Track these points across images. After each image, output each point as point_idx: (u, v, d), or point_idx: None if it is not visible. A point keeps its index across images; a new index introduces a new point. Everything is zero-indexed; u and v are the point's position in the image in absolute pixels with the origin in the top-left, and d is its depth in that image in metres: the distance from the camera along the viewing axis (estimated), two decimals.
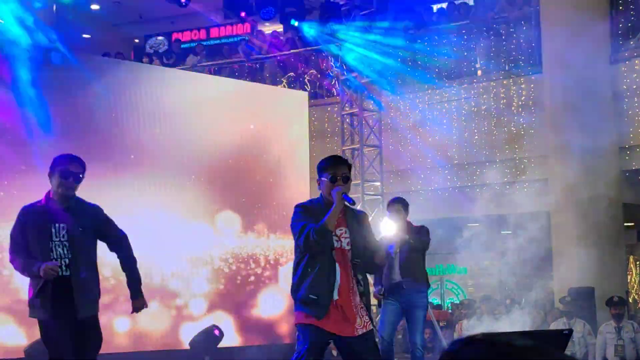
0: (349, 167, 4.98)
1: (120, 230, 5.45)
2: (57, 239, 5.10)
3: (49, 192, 5.22)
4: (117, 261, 5.50)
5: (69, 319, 5.05)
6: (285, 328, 10.57)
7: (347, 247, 4.81)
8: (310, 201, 5.02)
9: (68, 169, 5.10)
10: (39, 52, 9.06)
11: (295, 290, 4.80)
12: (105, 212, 5.40)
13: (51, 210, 5.13)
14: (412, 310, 7.30)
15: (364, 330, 4.75)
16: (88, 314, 5.16)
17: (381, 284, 7.41)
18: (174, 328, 9.81)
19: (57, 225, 5.11)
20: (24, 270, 5.13)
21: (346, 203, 4.75)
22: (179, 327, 9.84)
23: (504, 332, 5.50)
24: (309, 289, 4.72)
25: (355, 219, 4.92)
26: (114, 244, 5.43)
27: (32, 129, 8.79)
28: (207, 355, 9.34)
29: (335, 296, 4.71)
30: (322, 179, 4.87)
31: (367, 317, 4.78)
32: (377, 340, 7.06)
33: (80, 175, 5.17)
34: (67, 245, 5.11)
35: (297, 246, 4.86)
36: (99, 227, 5.30)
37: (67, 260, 5.09)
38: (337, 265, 4.75)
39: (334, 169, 4.84)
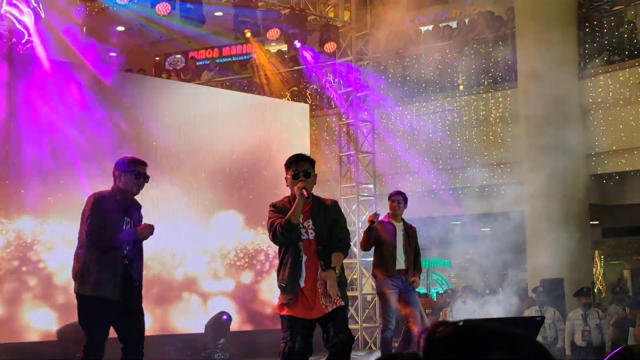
0: (311, 163, 4.87)
1: None
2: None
3: (114, 187, 5.19)
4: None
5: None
6: None
7: (312, 238, 4.76)
8: (283, 199, 4.90)
9: (140, 171, 5.13)
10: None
11: (277, 279, 4.85)
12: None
13: (121, 203, 5.13)
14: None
15: (334, 307, 4.68)
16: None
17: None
18: (195, 314, 9.79)
19: (125, 218, 5.12)
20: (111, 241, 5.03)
21: (306, 199, 4.63)
22: (198, 314, 9.81)
23: (483, 319, 5.48)
24: (281, 278, 4.76)
25: (322, 209, 4.82)
26: None
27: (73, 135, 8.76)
28: (222, 337, 9.31)
29: (302, 284, 4.70)
30: (287, 176, 4.81)
31: (335, 297, 4.67)
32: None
33: (148, 177, 5.23)
34: None
35: None
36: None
37: (125, 252, 5.06)
38: (302, 255, 4.72)
39: (295, 166, 4.78)
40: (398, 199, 7.62)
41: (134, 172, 5.10)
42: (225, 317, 9.44)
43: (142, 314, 5.18)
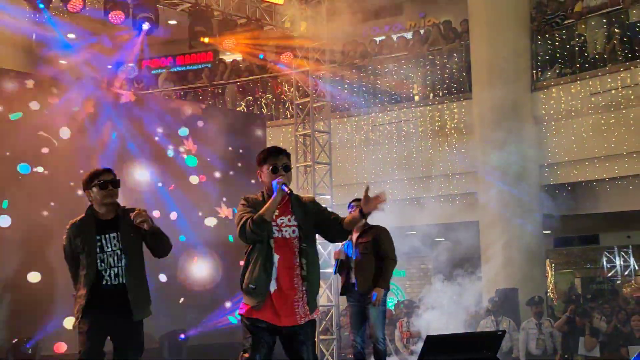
0: (288, 156, 4.48)
1: None
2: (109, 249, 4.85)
3: (88, 209, 4.96)
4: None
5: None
6: None
7: (292, 235, 4.34)
8: (256, 194, 4.49)
9: (105, 180, 4.86)
10: None
11: (240, 281, 4.38)
12: None
13: (99, 223, 4.89)
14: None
15: (306, 320, 4.33)
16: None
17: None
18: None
19: (104, 236, 4.85)
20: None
21: (285, 193, 4.27)
22: None
23: (445, 335, 5.43)
24: (249, 279, 4.30)
25: (302, 206, 4.43)
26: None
27: None
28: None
29: (274, 286, 4.27)
30: (264, 170, 4.40)
31: (308, 307, 4.33)
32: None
33: (118, 181, 4.94)
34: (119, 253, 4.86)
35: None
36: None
37: (116, 270, 4.82)
38: (274, 255, 4.29)
39: (274, 160, 4.38)
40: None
41: (97, 184, 4.85)
42: (182, 336, 9.21)
43: (133, 341, 4.85)
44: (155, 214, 9.07)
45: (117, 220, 4.89)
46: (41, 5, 8.65)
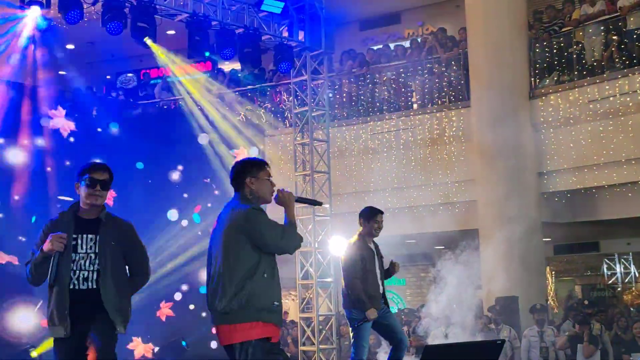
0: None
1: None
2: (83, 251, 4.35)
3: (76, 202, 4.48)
4: None
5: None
6: None
7: None
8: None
9: (95, 178, 4.36)
10: None
11: (251, 296, 3.98)
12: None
13: (78, 220, 4.40)
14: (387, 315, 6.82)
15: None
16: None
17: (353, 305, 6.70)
18: None
19: (82, 235, 4.35)
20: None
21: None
22: None
23: (444, 344, 5.41)
24: (272, 296, 4.05)
25: None
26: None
27: None
28: None
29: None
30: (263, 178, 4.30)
31: None
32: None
33: (108, 183, 4.42)
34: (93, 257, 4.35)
35: (254, 248, 4.06)
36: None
37: (85, 274, 4.32)
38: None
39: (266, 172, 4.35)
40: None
41: (85, 180, 4.35)
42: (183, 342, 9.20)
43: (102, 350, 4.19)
44: None
45: (98, 222, 4.39)
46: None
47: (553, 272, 16.81)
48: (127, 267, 4.51)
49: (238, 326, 4.00)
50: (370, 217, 6.94)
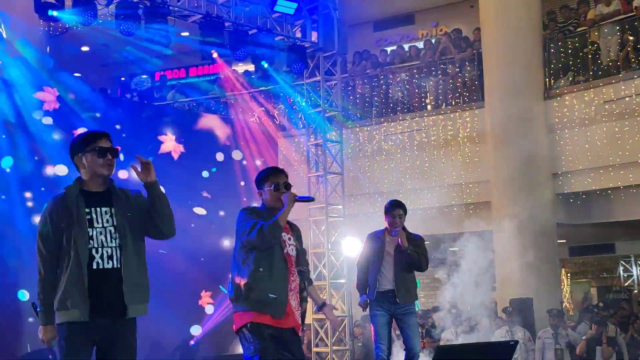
0: (287, 175, 4.76)
1: None
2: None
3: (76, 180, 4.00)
4: None
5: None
6: None
7: (292, 254, 4.62)
8: (255, 207, 4.76)
9: (103, 146, 3.94)
10: None
11: (248, 289, 4.44)
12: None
13: (88, 195, 3.94)
14: (405, 317, 6.73)
15: (300, 323, 4.65)
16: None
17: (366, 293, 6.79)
18: None
19: (96, 209, 3.90)
20: None
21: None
22: None
23: (457, 344, 5.39)
24: (270, 289, 4.45)
25: (296, 233, 4.76)
26: None
27: None
28: None
29: (288, 296, 4.55)
30: (265, 189, 4.65)
31: (299, 314, 4.65)
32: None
33: (117, 151, 3.99)
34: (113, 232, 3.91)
35: (241, 245, 4.52)
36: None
37: (109, 251, 3.88)
38: (288, 266, 4.57)
39: (275, 179, 4.65)
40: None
41: (95, 149, 3.93)
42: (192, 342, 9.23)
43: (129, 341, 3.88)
44: None
45: (109, 194, 3.97)
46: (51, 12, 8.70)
47: (568, 274, 16.71)
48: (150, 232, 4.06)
49: (236, 315, 4.56)
50: (388, 211, 6.91)
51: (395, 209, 6.84)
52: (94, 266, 3.81)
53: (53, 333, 3.85)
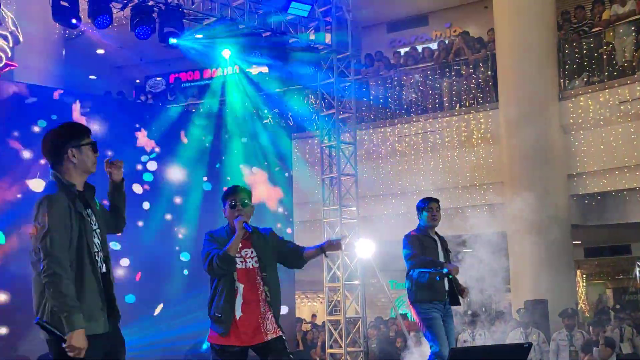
0: (249, 193, 4.81)
1: None
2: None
3: (59, 178, 3.59)
4: None
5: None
6: None
7: (255, 265, 4.70)
8: (219, 229, 4.85)
9: (94, 142, 3.67)
10: None
11: (208, 308, 4.73)
12: None
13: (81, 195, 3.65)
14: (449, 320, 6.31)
15: (274, 336, 4.65)
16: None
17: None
18: None
19: (87, 210, 3.63)
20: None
21: (246, 231, 4.60)
22: None
23: (470, 347, 5.40)
24: (216, 308, 4.66)
25: (262, 239, 4.80)
26: None
27: None
28: None
29: (239, 313, 4.62)
30: (225, 206, 4.78)
31: (275, 325, 4.67)
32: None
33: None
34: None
35: None
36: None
37: (102, 255, 3.65)
38: (237, 284, 4.64)
39: (233, 196, 4.73)
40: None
41: (88, 143, 3.62)
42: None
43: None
44: None
45: (88, 193, 3.70)
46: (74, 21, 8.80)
47: (584, 276, 16.63)
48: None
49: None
50: (422, 208, 6.51)
51: (430, 202, 6.47)
52: (100, 271, 3.60)
53: (85, 339, 3.37)
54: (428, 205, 6.43)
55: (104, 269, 3.62)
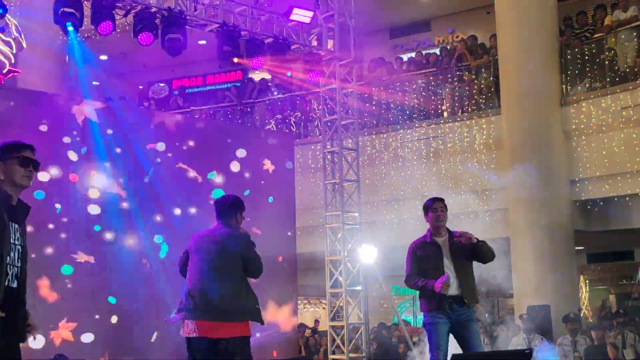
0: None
1: None
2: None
3: None
4: None
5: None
6: None
7: None
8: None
9: (28, 157, 3.81)
10: None
11: (249, 301, 5.34)
12: None
13: (8, 206, 3.74)
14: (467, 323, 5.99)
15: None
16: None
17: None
18: None
19: (14, 225, 3.72)
20: None
21: None
22: None
23: (471, 353, 5.41)
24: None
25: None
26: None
27: None
28: None
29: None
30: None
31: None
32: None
33: (39, 164, 3.86)
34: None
35: None
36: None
37: (16, 270, 3.69)
38: None
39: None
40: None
41: (18, 157, 3.77)
42: None
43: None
44: None
45: (19, 208, 3.81)
46: (70, 29, 8.81)
47: (587, 281, 16.61)
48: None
49: None
50: (427, 208, 6.25)
51: (435, 202, 6.22)
52: (6, 283, 3.61)
53: None
54: (432, 205, 6.20)
55: (14, 284, 3.63)
